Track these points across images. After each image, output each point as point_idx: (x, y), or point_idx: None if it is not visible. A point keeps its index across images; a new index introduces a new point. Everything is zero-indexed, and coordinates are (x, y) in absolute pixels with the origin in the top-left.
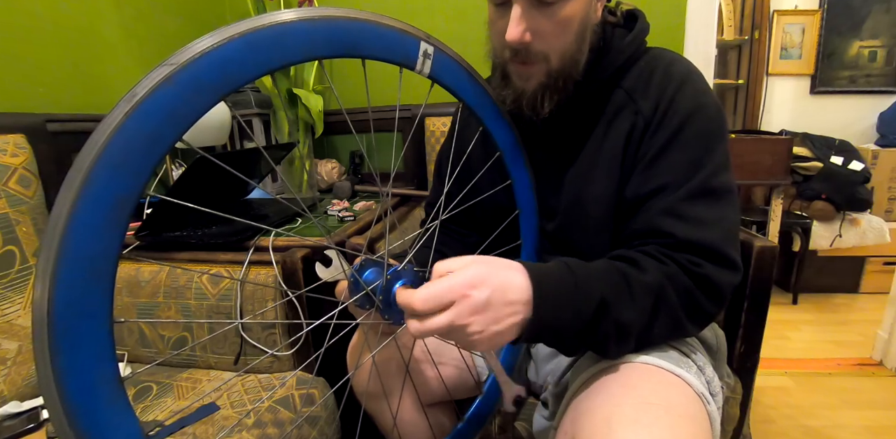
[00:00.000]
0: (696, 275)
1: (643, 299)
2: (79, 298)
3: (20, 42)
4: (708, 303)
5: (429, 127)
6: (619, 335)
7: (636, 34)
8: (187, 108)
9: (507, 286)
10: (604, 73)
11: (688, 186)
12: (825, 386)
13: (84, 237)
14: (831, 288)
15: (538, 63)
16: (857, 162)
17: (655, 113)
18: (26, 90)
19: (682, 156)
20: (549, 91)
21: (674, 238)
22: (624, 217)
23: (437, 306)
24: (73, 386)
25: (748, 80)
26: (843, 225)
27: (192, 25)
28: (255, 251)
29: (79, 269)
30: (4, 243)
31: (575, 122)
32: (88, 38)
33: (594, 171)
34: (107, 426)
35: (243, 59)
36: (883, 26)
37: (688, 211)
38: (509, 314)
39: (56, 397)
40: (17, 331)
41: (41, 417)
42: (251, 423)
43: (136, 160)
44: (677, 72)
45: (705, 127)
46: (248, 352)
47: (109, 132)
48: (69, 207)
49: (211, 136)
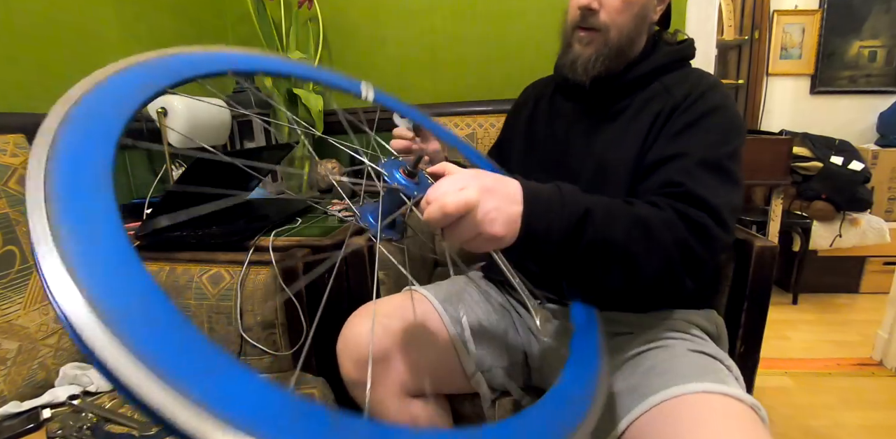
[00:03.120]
0: (693, 222)
1: (632, 226)
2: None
3: (20, 42)
4: (702, 249)
5: None
6: (607, 253)
7: (679, 48)
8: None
9: (506, 182)
10: (647, 66)
11: (703, 157)
12: (825, 386)
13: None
14: (831, 288)
15: (599, 31)
16: (857, 162)
17: (687, 98)
18: (26, 90)
19: (705, 135)
20: (602, 57)
21: (683, 187)
22: (640, 178)
23: (454, 183)
24: None
25: (748, 80)
26: (843, 225)
27: (192, 25)
28: (254, 251)
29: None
30: (4, 243)
31: (614, 100)
32: (88, 38)
33: (623, 140)
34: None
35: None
36: (883, 26)
37: (699, 173)
38: (511, 202)
39: None
40: (17, 331)
41: (41, 417)
42: None
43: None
44: (710, 79)
45: (728, 121)
46: (248, 352)
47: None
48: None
49: (211, 136)
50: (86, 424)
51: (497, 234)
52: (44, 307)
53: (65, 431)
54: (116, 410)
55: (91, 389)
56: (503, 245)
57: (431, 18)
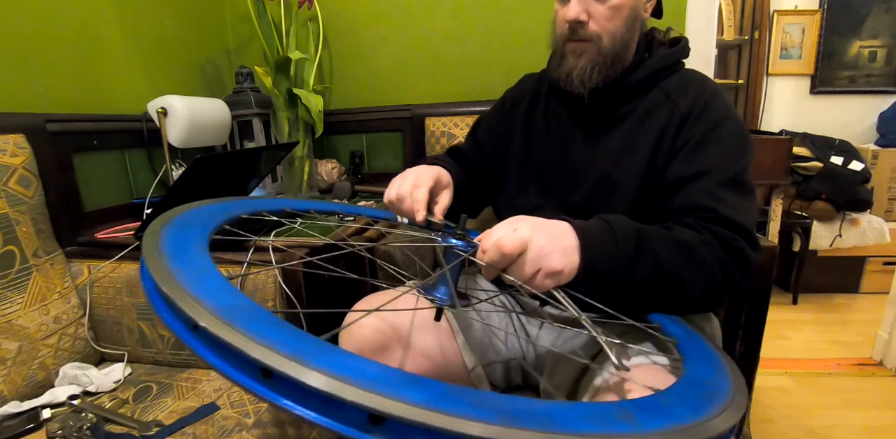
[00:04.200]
0: (731, 247)
1: (677, 249)
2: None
3: (20, 42)
4: (738, 273)
5: (429, 127)
6: (660, 276)
7: (675, 51)
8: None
9: (552, 221)
10: (643, 72)
11: (724, 175)
12: (825, 386)
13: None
14: (831, 288)
15: (591, 41)
16: (857, 162)
17: (692, 110)
18: (26, 90)
19: (719, 149)
20: (598, 67)
21: (715, 213)
22: (662, 197)
23: (506, 228)
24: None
25: (748, 80)
26: (843, 225)
27: (192, 25)
28: (255, 251)
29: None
30: (4, 243)
31: (615, 108)
32: (88, 38)
33: (628, 154)
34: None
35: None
36: (883, 26)
37: (724, 195)
38: (563, 236)
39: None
40: (17, 331)
41: (41, 417)
42: (251, 423)
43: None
44: (711, 86)
45: (737, 130)
46: None
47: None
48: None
49: (211, 136)
50: (86, 424)
51: (556, 268)
52: (44, 307)
53: (65, 431)
54: (116, 410)
55: (91, 389)
56: (563, 280)
57: (431, 18)
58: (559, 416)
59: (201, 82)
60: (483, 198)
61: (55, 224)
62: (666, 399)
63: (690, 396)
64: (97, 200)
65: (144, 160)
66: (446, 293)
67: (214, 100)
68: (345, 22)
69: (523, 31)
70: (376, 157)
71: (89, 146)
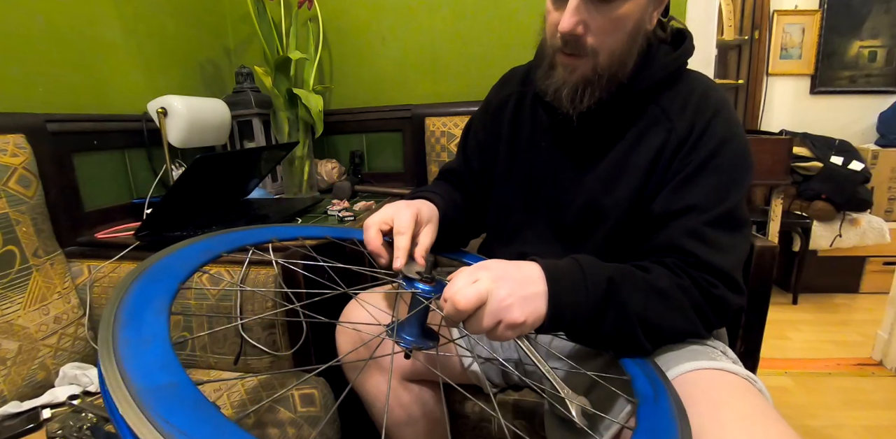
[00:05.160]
0: (710, 295)
1: (649, 297)
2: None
3: (20, 42)
4: (715, 320)
5: (429, 127)
6: (630, 322)
7: (680, 54)
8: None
9: (521, 265)
10: (641, 85)
11: (714, 212)
12: (825, 386)
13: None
14: (831, 288)
15: (586, 57)
16: (857, 162)
17: (691, 134)
18: (26, 90)
19: (714, 180)
20: (590, 87)
21: (696, 258)
22: (647, 229)
23: (467, 278)
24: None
25: (748, 80)
26: (843, 225)
27: (192, 25)
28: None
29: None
30: (4, 243)
31: (606, 127)
32: (88, 38)
33: (619, 179)
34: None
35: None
36: (883, 26)
37: (710, 235)
38: (528, 284)
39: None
40: (17, 331)
41: (41, 417)
42: (251, 423)
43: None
44: (714, 99)
45: (737, 156)
46: (248, 352)
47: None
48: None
49: (211, 136)
50: (86, 424)
51: (516, 321)
52: (44, 307)
53: (65, 431)
54: None
55: (91, 389)
56: (526, 330)
57: (431, 18)
58: None
59: (201, 82)
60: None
61: (55, 224)
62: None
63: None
64: (97, 200)
65: (144, 160)
66: (412, 334)
67: (214, 100)
68: (345, 22)
69: (524, 31)
70: (376, 157)
71: (89, 146)
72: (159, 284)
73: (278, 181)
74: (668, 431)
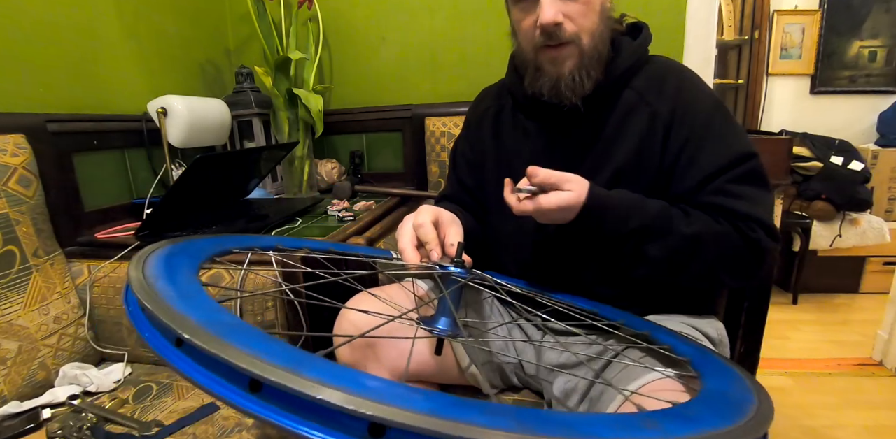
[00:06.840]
0: (749, 238)
1: (686, 229)
2: None
3: (20, 42)
4: (752, 262)
5: (429, 127)
6: (658, 233)
7: (640, 42)
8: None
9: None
10: (614, 73)
11: (738, 170)
12: (825, 386)
13: None
14: (831, 288)
15: (571, 43)
16: (857, 162)
17: (675, 114)
18: (26, 90)
19: (722, 144)
20: (584, 70)
21: (734, 213)
22: (681, 194)
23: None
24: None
25: (748, 80)
26: (843, 225)
27: (192, 25)
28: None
29: None
30: (4, 243)
31: (586, 121)
32: (88, 38)
33: (605, 170)
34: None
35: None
36: (883, 26)
37: (740, 191)
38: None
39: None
40: (17, 331)
41: (41, 417)
42: (251, 423)
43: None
44: (689, 78)
45: (732, 121)
46: None
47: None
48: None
49: (211, 136)
50: (86, 424)
51: (570, 186)
52: (44, 307)
53: (65, 431)
54: (116, 410)
55: (91, 389)
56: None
57: (431, 18)
58: (580, 424)
59: (201, 82)
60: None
61: (55, 224)
62: (690, 409)
63: (716, 406)
64: (97, 200)
65: (144, 160)
66: (446, 323)
67: (214, 100)
68: (345, 22)
69: None
70: (376, 157)
71: (89, 146)
72: (181, 259)
73: (278, 181)
74: (730, 372)
